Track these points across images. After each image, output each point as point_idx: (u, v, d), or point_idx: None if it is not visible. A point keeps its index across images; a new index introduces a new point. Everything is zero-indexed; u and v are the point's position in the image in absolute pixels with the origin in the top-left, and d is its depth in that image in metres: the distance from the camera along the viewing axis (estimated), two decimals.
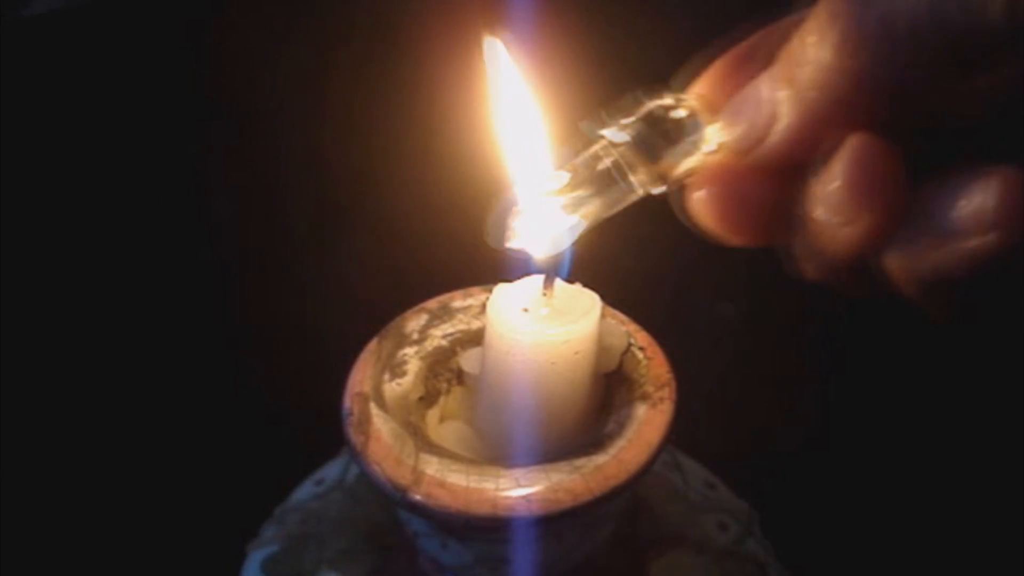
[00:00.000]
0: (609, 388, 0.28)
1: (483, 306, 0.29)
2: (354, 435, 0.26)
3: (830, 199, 0.20)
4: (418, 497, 0.24)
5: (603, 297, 0.26)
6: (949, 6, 0.18)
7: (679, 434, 0.27)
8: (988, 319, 0.21)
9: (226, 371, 0.52)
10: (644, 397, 0.27)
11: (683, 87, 0.23)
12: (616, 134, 0.22)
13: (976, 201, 0.18)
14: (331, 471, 0.36)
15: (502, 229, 0.24)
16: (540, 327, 0.25)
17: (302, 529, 0.34)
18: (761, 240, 0.22)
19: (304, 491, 0.36)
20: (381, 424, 0.26)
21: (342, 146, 0.63)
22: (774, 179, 0.21)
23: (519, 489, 0.24)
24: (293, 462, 0.37)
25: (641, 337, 0.29)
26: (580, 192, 0.23)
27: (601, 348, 0.27)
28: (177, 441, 0.49)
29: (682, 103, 0.22)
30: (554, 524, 0.25)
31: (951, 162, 0.19)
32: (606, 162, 0.22)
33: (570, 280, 0.26)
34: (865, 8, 0.19)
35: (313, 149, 0.64)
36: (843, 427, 0.49)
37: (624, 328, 0.29)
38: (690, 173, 0.22)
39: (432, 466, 0.25)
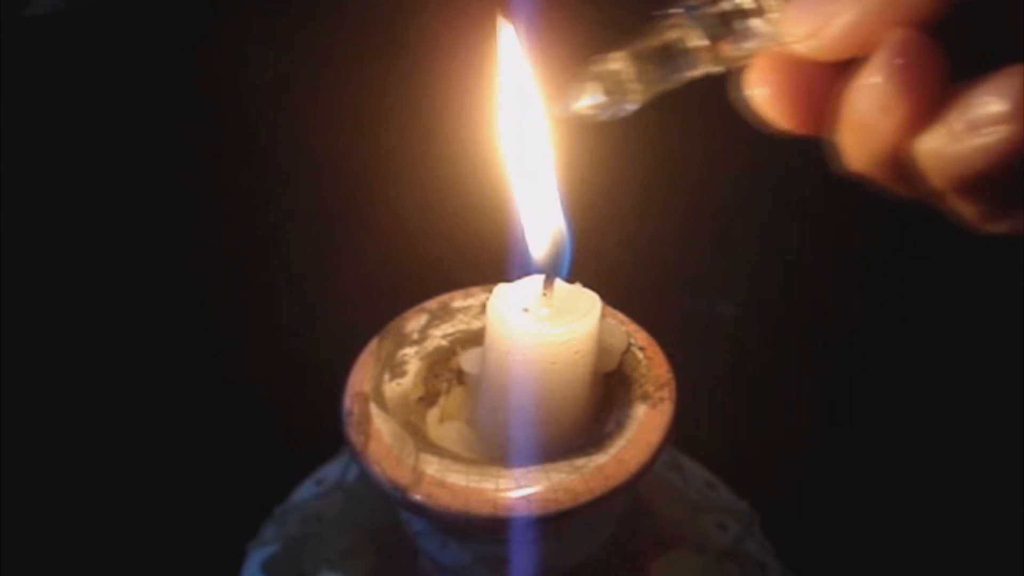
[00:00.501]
0: (609, 388, 0.28)
1: (483, 306, 0.29)
2: (354, 435, 0.26)
3: (871, 89, 0.21)
4: (418, 497, 0.24)
5: (603, 297, 0.26)
6: None
7: (679, 434, 0.27)
8: (1012, 220, 0.22)
9: (226, 371, 0.52)
10: (644, 397, 0.27)
11: None
12: (683, 11, 0.23)
13: (1003, 94, 0.20)
14: (331, 471, 0.36)
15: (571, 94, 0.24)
16: (540, 327, 0.25)
17: (302, 529, 0.34)
18: (812, 129, 0.24)
19: (304, 491, 0.36)
20: (381, 424, 0.26)
21: (342, 145, 0.63)
22: (828, 70, 0.23)
23: (519, 489, 0.24)
24: (293, 462, 0.37)
25: (641, 337, 0.29)
26: (636, 65, 0.23)
27: (601, 348, 0.27)
28: (177, 441, 0.49)
29: None
30: (554, 524, 0.25)
31: (992, 59, 0.20)
32: (669, 36, 0.23)
33: (570, 280, 0.26)
34: None
35: (313, 149, 0.64)
36: (843, 427, 0.49)
37: (624, 328, 0.29)
38: (748, 57, 0.23)
39: (432, 466, 0.25)
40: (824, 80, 0.23)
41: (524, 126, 0.25)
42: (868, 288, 0.55)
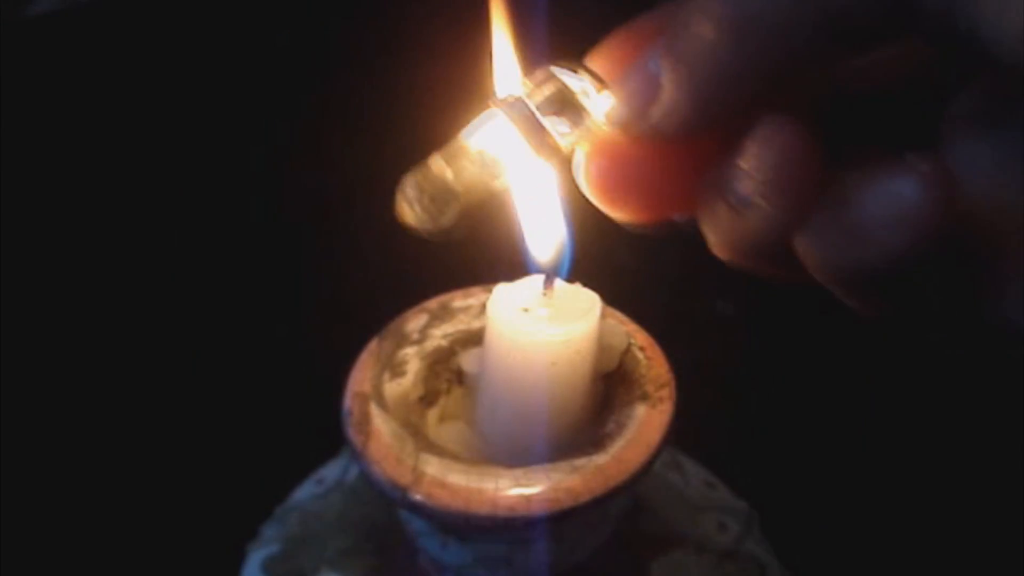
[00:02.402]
0: (609, 388, 0.28)
1: (483, 306, 0.29)
2: (354, 435, 0.26)
3: (738, 181, 0.19)
4: (418, 497, 0.24)
5: (603, 297, 0.26)
6: None
7: (679, 434, 0.27)
8: (899, 312, 0.20)
9: (226, 370, 0.52)
10: (644, 397, 0.27)
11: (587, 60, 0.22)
12: (502, 105, 0.22)
13: (892, 197, 0.18)
14: (331, 471, 0.36)
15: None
16: (540, 327, 0.25)
17: (302, 529, 0.34)
18: (653, 218, 0.22)
19: (304, 491, 0.36)
20: (381, 424, 0.26)
21: (342, 145, 0.63)
22: (670, 155, 0.21)
23: (519, 489, 0.24)
24: (293, 462, 0.37)
25: (641, 337, 0.29)
26: (459, 163, 0.23)
27: (601, 348, 0.27)
28: (177, 441, 0.49)
29: (576, 73, 0.22)
30: (554, 524, 0.25)
31: (866, 149, 0.19)
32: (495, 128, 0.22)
33: (570, 280, 0.26)
34: None
35: (313, 148, 0.64)
36: (843, 427, 0.49)
37: (624, 328, 0.29)
38: (576, 144, 0.22)
39: (432, 466, 0.25)
40: (667, 164, 0.21)
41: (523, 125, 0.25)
42: None
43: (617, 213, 0.22)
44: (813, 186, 0.19)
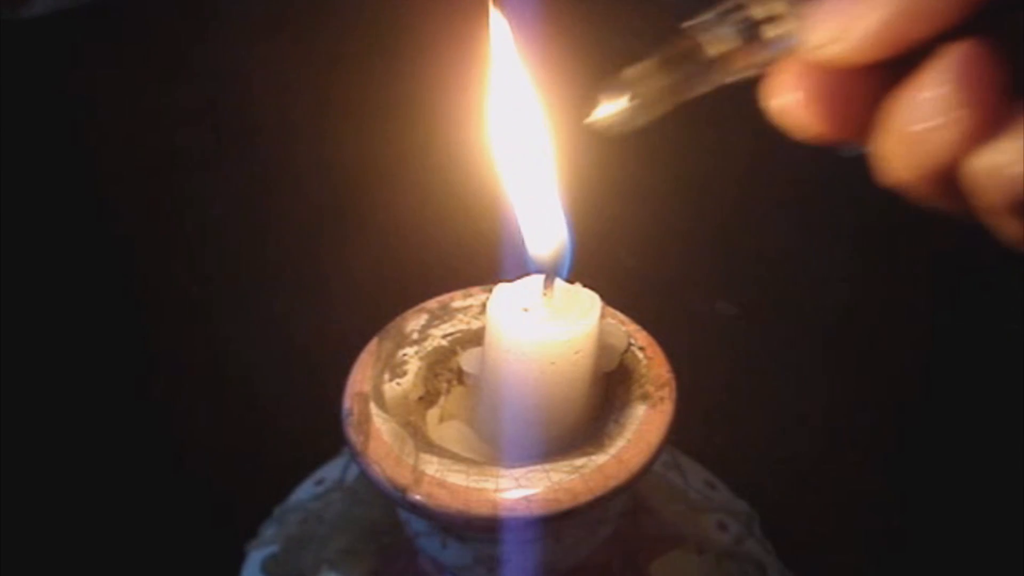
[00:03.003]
0: (609, 388, 0.28)
1: (483, 306, 0.29)
2: (354, 435, 0.26)
3: (932, 100, 0.20)
4: (418, 497, 0.24)
5: (603, 297, 0.26)
6: None
7: (679, 434, 0.27)
8: None
9: (226, 370, 0.52)
10: (644, 397, 0.27)
11: None
12: (706, 20, 0.23)
13: None
14: (331, 471, 0.36)
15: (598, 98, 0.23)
16: (540, 327, 0.25)
17: (302, 529, 0.34)
18: (845, 136, 0.23)
19: (304, 491, 0.36)
20: (381, 424, 0.26)
21: (342, 146, 0.63)
22: (863, 74, 0.22)
23: (519, 489, 0.24)
24: (293, 462, 0.37)
25: (641, 337, 0.29)
26: (662, 74, 0.23)
27: (601, 348, 0.27)
28: (177, 441, 0.49)
29: None
30: (554, 524, 0.25)
31: None
32: (693, 45, 0.23)
33: (570, 280, 0.26)
34: None
35: (313, 149, 0.64)
36: (843, 427, 0.49)
37: (624, 328, 0.29)
38: (774, 64, 0.23)
39: (432, 466, 0.25)
40: (859, 85, 0.22)
41: (522, 125, 0.25)
42: (869, 288, 0.55)
43: (813, 132, 0.23)
44: (996, 105, 0.20)
